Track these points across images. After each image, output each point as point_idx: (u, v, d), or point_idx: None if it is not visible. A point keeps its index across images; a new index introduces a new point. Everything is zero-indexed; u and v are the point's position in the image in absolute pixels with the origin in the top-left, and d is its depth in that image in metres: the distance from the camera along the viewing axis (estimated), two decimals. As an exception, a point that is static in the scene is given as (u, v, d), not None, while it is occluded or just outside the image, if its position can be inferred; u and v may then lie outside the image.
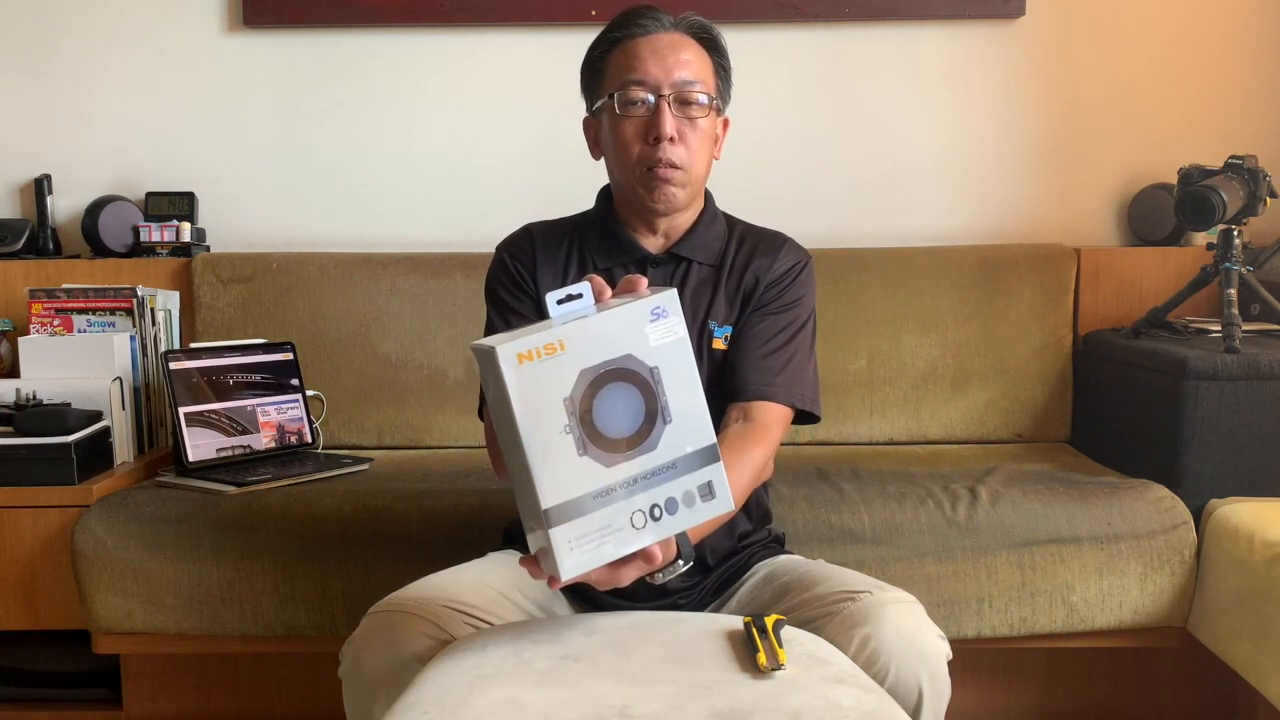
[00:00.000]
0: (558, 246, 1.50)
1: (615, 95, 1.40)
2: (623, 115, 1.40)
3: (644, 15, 1.42)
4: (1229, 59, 2.55)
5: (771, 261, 1.49)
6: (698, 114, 1.40)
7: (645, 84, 1.39)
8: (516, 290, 1.49)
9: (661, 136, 1.38)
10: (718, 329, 1.46)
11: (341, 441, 2.40)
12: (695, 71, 1.40)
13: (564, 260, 1.49)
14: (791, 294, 1.48)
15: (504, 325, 1.48)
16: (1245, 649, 1.76)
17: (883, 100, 2.57)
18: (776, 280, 1.49)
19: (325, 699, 2.06)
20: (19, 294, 2.38)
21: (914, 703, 1.25)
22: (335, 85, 2.58)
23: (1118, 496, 1.91)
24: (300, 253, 2.48)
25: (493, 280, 1.52)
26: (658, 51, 1.40)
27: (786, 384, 1.43)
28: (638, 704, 1.01)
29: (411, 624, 1.27)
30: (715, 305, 1.47)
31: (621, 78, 1.40)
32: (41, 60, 2.57)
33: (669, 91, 1.39)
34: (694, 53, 1.42)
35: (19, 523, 1.95)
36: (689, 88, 1.39)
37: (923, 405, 2.40)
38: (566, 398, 1.00)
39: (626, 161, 1.42)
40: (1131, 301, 2.44)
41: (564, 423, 1.00)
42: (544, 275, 1.48)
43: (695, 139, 1.41)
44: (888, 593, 1.32)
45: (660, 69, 1.39)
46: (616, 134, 1.42)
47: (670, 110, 1.39)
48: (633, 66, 1.40)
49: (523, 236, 1.53)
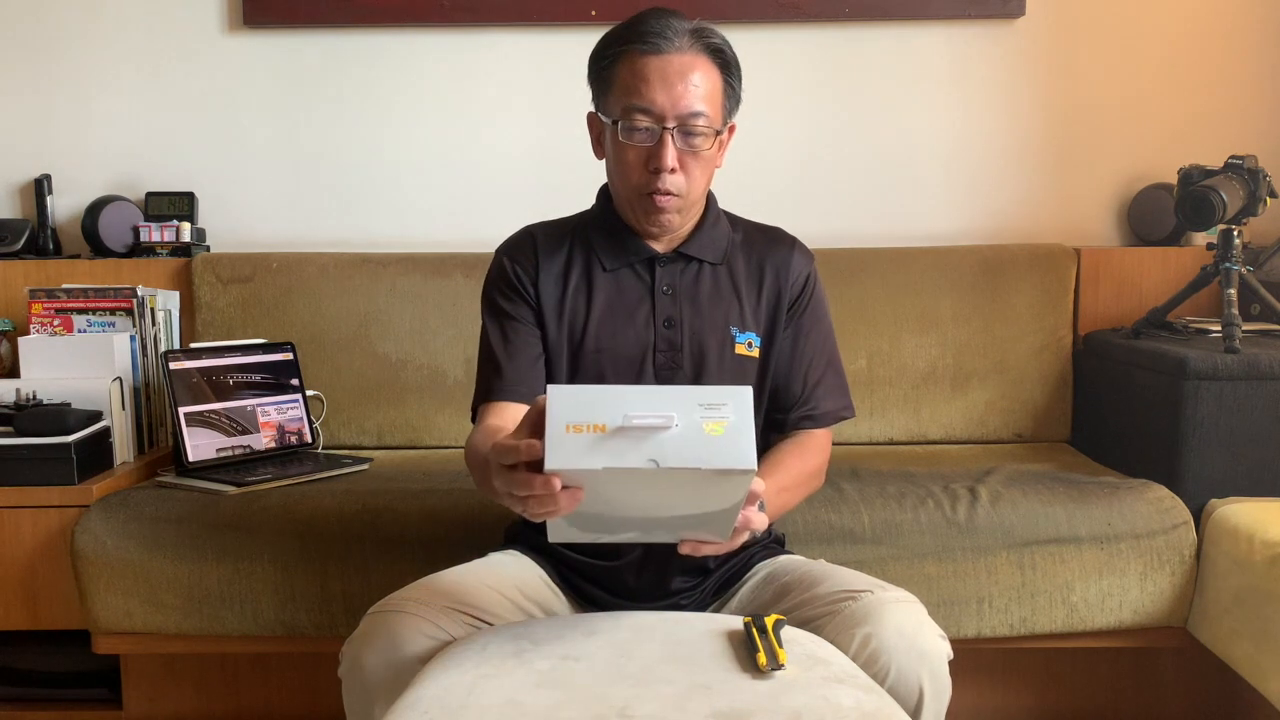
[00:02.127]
0: (559, 248, 1.49)
1: (620, 123, 1.37)
2: (626, 141, 1.38)
3: (658, 29, 1.36)
4: (1229, 59, 2.55)
5: (787, 262, 1.50)
6: (700, 145, 1.38)
7: (650, 113, 1.36)
8: (514, 296, 1.47)
9: (662, 168, 1.37)
10: (740, 334, 1.46)
11: (341, 441, 2.40)
12: (703, 98, 1.37)
13: (565, 262, 1.48)
14: (816, 304, 1.52)
15: (499, 334, 1.46)
16: (1245, 649, 1.76)
17: (883, 100, 2.57)
18: (800, 292, 1.50)
19: (325, 699, 2.06)
20: (19, 294, 2.38)
21: (915, 702, 1.25)
22: (335, 85, 2.58)
23: (1118, 496, 1.91)
24: (300, 253, 2.48)
25: (490, 286, 1.51)
26: (667, 78, 1.35)
27: (833, 407, 1.53)
28: (638, 704, 1.01)
29: (411, 624, 1.27)
30: (734, 310, 1.47)
31: (627, 101, 1.37)
32: (42, 60, 2.57)
33: (673, 124, 1.36)
34: (704, 74, 1.37)
35: (19, 523, 1.95)
36: (694, 120, 1.36)
37: (923, 405, 2.40)
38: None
39: (626, 182, 1.41)
40: (1131, 301, 2.44)
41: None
42: (545, 278, 1.47)
43: (696, 167, 1.39)
44: (889, 592, 1.32)
45: (667, 98, 1.35)
46: (618, 155, 1.40)
47: (674, 143, 1.37)
48: (639, 91, 1.36)
49: (524, 240, 1.51)
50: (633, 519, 1.12)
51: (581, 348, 1.45)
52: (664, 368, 1.44)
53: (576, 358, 1.45)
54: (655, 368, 1.44)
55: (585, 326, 1.45)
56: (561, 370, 1.46)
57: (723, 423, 1.01)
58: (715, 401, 1.01)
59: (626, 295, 1.46)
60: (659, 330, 1.45)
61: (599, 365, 1.44)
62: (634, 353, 1.44)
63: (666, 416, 1.00)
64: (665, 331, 1.45)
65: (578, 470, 0.99)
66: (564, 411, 1.00)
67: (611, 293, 1.46)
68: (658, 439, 1.00)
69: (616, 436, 0.99)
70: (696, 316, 1.45)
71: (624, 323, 1.45)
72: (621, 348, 1.44)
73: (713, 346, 1.45)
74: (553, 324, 1.46)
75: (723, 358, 1.45)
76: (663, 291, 1.46)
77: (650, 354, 1.44)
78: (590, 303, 1.45)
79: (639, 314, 1.45)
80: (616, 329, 1.45)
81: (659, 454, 0.99)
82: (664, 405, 1.01)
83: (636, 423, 0.99)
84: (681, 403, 1.01)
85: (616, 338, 1.44)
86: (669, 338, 1.44)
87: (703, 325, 1.45)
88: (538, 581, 1.46)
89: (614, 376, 1.43)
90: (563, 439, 0.99)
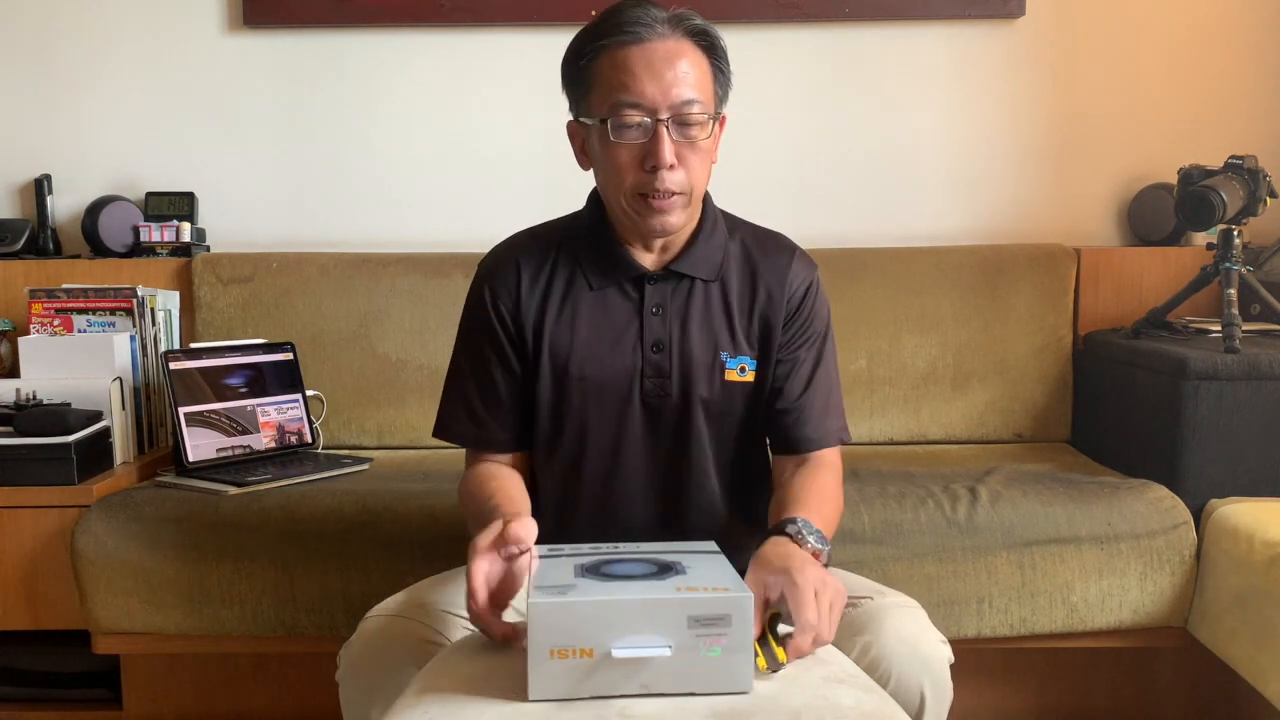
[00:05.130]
0: (543, 266, 1.39)
1: (609, 121, 1.27)
2: (616, 141, 1.27)
3: (634, 17, 1.27)
4: (1229, 59, 2.55)
5: (785, 274, 1.40)
6: (698, 134, 1.28)
7: (641, 106, 1.25)
8: (494, 333, 1.39)
9: (661, 165, 1.26)
10: (730, 360, 1.38)
11: (341, 441, 2.40)
12: (694, 85, 1.27)
13: (548, 282, 1.38)
14: (815, 320, 1.42)
15: (474, 376, 1.40)
16: (1245, 649, 1.76)
17: (883, 100, 2.57)
18: (800, 303, 1.40)
19: (325, 699, 2.05)
20: (19, 294, 2.38)
21: (916, 708, 1.25)
22: (335, 85, 2.58)
23: (1118, 496, 1.91)
24: (300, 253, 2.48)
25: (469, 316, 1.43)
26: (653, 66, 1.25)
27: (834, 427, 1.42)
28: (638, 704, 1.01)
29: (408, 628, 1.27)
30: (724, 334, 1.38)
31: (614, 97, 1.26)
32: (42, 60, 2.57)
33: (667, 115, 1.25)
34: (691, 60, 1.28)
35: (19, 523, 1.95)
36: (689, 109, 1.26)
37: (923, 405, 2.40)
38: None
39: (619, 186, 1.30)
40: (1131, 301, 2.44)
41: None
42: (528, 303, 1.38)
43: (695, 159, 1.29)
44: (889, 597, 1.31)
45: (657, 88, 1.25)
46: (609, 157, 1.29)
47: (669, 136, 1.26)
48: (625, 85, 1.25)
49: (506, 261, 1.41)
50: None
51: (566, 374, 1.37)
52: (652, 395, 1.37)
53: (560, 385, 1.37)
54: (643, 394, 1.37)
55: (570, 352, 1.37)
56: (545, 398, 1.38)
57: (719, 642, 0.97)
58: (712, 616, 0.97)
59: (613, 316, 1.37)
60: (646, 355, 1.36)
61: (583, 394, 1.37)
62: (620, 380, 1.36)
63: (658, 645, 0.96)
64: (653, 356, 1.36)
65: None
66: (548, 635, 0.96)
67: (597, 314, 1.37)
68: (650, 666, 0.96)
69: (605, 664, 0.95)
70: (686, 340, 1.36)
71: (610, 348, 1.36)
72: (608, 376, 1.36)
73: (702, 373, 1.36)
74: (535, 350, 1.38)
75: (713, 385, 1.37)
76: (651, 312, 1.36)
77: (637, 381, 1.36)
78: (575, 326, 1.37)
79: (626, 337, 1.36)
80: (603, 355, 1.36)
81: (651, 681, 0.97)
82: (655, 622, 0.96)
83: (627, 654, 0.95)
84: (674, 620, 0.96)
85: (603, 364, 1.36)
86: (657, 363, 1.36)
87: (693, 350, 1.36)
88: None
89: (598, 406, 1.37)
90: (547, 666, 0.95)
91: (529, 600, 0.99)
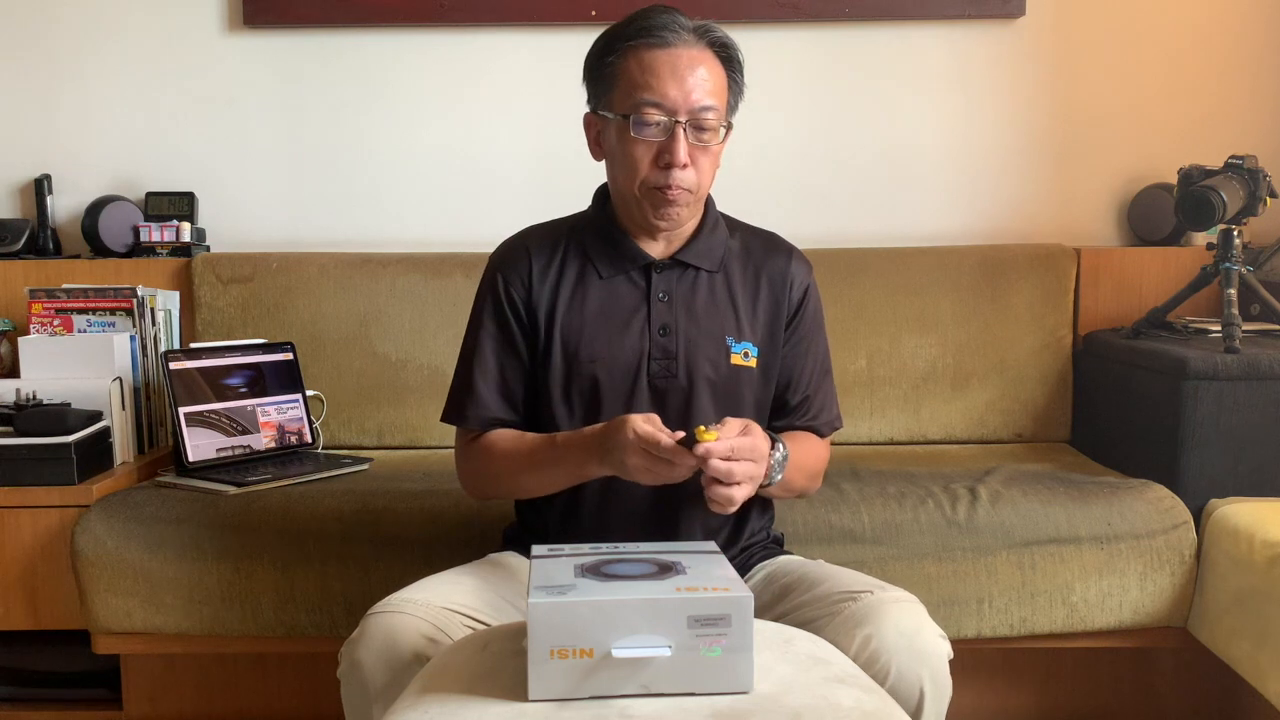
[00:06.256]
0: (553, 256, 1.47)
1: (630, 117, 1.36)
2: (636, 136, 1.36)
3: (664, 23, 1.36)
4: (1229, 59, 2.55)
5: (785, 272, 1.49)
6: (710, 139, 1.38)
7: (662, 107, 1.35)
8: (505, 318, 1.46)
9: (675, 164, 1.36)
10: (735, 344, 1.45)
11: (341, 441, 2.40)
12: (712, 93, 1.37)
13: (559, 270, 1.46)
14: (814, 315, 1.53)
15: (488, 356, 1.46)
16: (1245, 649, 1.76)
17: (882, 100, 2.57)
18: (800, 304, 1.50)
19: (325, 699, 2.06)
20: (19, 294, 2.38)
21: (915, 702, 1.25)
22: (335, 85, 2.58)
23: (1118, 496, 1.91)
24: (300, 253, 2.48)
25: (482, 300, 1.50)
26: (677, 71, 1.35)
27: (830, 417, 1.55)
28: (638, 704, 1.01)
29: (410, 625, 1.27)
30: (730, 319, 1.46)
31: (638, 96, 1.36)
32: (42, 60, 2.57)
33: (685, 117, 1.35)
34: (711, 69, 1.38)
35: (19, 523, 1.95)
36: (706, 114, 1.36)
37: (923, 405, 2.40)
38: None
39: (633, 178, 1.39)
40: (1131, 301, 2.44)
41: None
42: (539, 290, 1.46)
43: (705, 161, 1.39)
44: (889, 592, 1.32)
45: (679, 92, 1.35)
46: (625, 151, 1.38)
47: (685, 137, 1.36)
48: (650, 85, 1.35)
49: (518, 250, 1.49)
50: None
51: (577, 358, 1.44)
52: (659, 377, 1.43)
53: (571, 368, 1.44)
54: (650, 376, 1.43)
55: (580, 336, 1.44)
56: (556, 381, 1.45)
57: (719, 642, 0.97)
58: (712, 616, 0.97)
59: (622, 302, 1.45)
60: (654, 338, 1.43)
61: (594, 375, 1.43)
62: (629, 362, 1.43)
63: (658, 645, 0.96)
64: (660, 339, 1.43)
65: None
66: (548, 635, 0.96)
67: (607, 300, 1.45)
68: (650, 666, 0.96)
69: (605, 664, 0.96)
70: (692, 325, 1.44)
71: (619, 331, 1.44)
72: (617, 357, 1.43)
73: (708, 356, 1.44)
74: (547, 335, 1.45)
75: (718, 368, 1.44)
76: (658, 298, 1.44)
77: (645, 363, 1.43)
78: (585, 312, 1.44)
79: (634, 321, 1.44)
80: (611, 338, 1.43)
81: (651, 681, 0.97)
82: (655, 621, 0.96)
83: (627, 654, 0.96)
84: (674, 620, 0.96)
85: (612, 346, 1.43)
86: (664, 346, 1.43)
87: (698, 334, 1.44)
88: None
89: (609, 386, 1.43)
90: (547, 665, 0.96)
91: (529, 600, 0.99)
